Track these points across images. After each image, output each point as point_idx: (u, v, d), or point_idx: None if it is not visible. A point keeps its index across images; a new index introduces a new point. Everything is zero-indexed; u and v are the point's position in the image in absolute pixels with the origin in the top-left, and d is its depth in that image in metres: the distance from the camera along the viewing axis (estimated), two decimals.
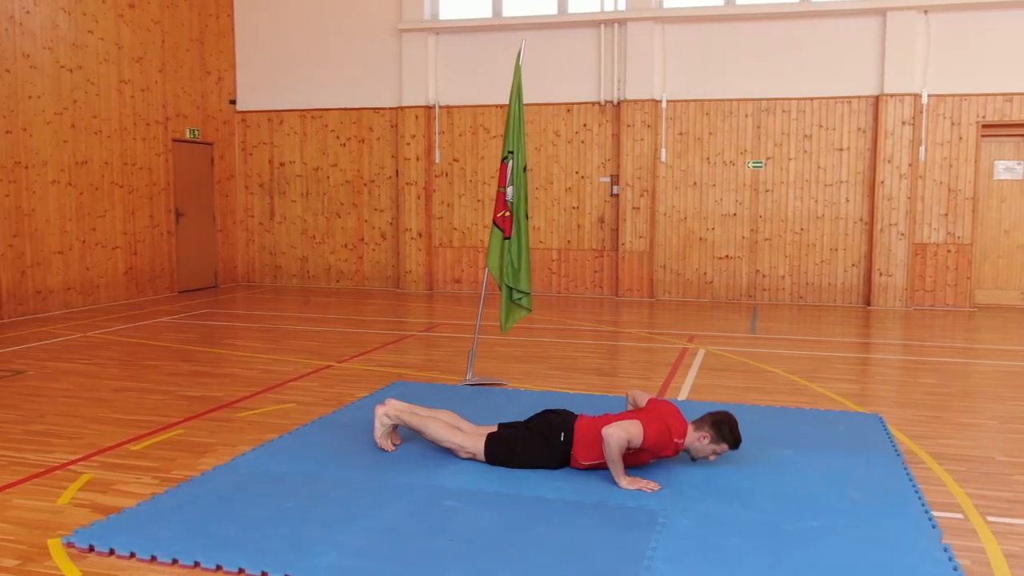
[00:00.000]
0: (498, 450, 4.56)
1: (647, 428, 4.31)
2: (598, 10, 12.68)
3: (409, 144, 13.32)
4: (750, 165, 12.24)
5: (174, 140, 12.82)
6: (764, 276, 12.34)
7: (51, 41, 10.64)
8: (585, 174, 12.83)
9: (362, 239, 13.88)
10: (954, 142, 11.56)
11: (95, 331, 9.32)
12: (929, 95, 11.53)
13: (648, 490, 4.21)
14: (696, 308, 11.71)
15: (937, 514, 3.98)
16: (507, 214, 6.61)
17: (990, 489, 4.39)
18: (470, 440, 4.64)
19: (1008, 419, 5.82)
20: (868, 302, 11.90)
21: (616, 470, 4.27)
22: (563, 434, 4.50)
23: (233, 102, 14.14)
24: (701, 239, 12.49)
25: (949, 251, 11.70)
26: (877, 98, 11.67)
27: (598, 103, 12.66)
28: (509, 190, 6.60)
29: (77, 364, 7.52)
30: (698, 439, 4.49)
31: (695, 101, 12.35)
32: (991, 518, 3.99)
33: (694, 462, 4.67)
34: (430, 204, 13.41)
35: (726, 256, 12.44)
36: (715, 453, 4.51)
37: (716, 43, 12.21)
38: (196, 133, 13.30)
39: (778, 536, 3.70)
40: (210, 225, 13.77)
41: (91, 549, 3.57)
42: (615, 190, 12.66)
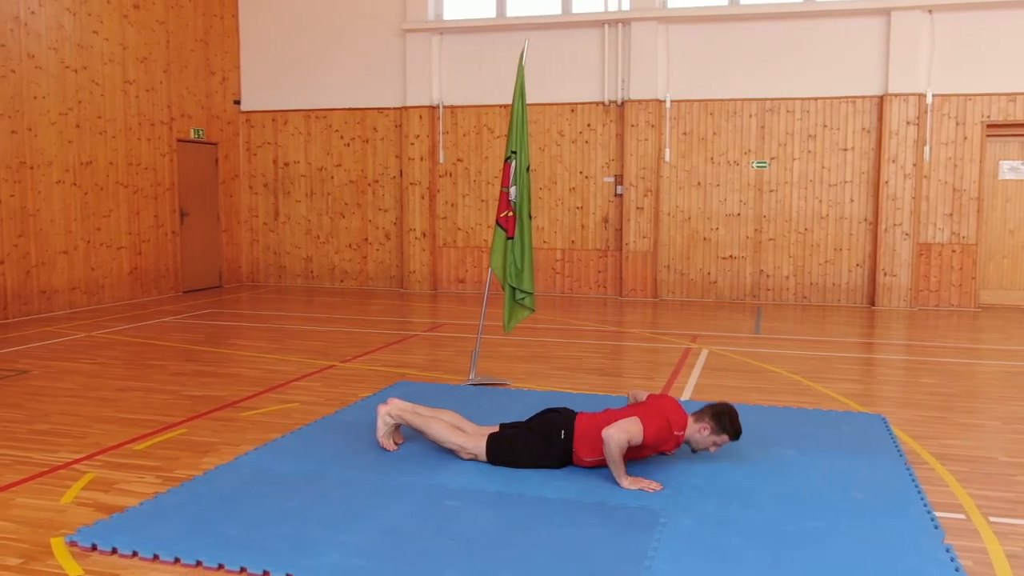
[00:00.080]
0: (499, 450, 4.56)
1: (646, 425, 4.32)
2: (602, 10, 12.67)
3: (413, 144, 13.33)
4: (754, 165, 12.23)
5: (179, 140, 12.85)
6: (768, 276, 12.32)
7: (56, 41, 10.67)
8: (589, 174, 12.83)
9: (366, 239, 13.89)
10: (959, 142, 11.53)
11: (99, 331, 9.35)
12: (934, 95, 11.50)
13: (650, 490, 4.21)
14: (700, 308, 11.70)
15: (939, 514, 3.98)
16: (510, 214, 6.61)
17: (992, 490, 4.38)
18: (472, 441, 4.64)
19: (1011, 420, 5.81)
20: (872, 302, 11.88)
21: (617, 471, 4.27)
22: (563, 432, 4.51)
23: (237, 102, 14.17)
24: (705, 239, 12.48)
25: (954, 251, 11.67)
26: (881, 98, 11.65)
27: (602, 103, 12.66)
28: (512, 190, 6.60)
29: (81, 364, 7.55)
30: (698, 431, 4.49)
31: (699, 101, 12.34)
32: (993, 519, 3.98)
33: (694, 455, 4.68)
34: (434, 204, 13.42)
35: (730, 256, 12.42)
36: (715, 444, 4.51)
37: (720, 43, 12.20)
38: (200, 133, 13.33)
39: (780, 536, 3.70)
40: (214, 225, 13.80)
41: (94, 548, 3.58)
42: (619, 190, 12.66)
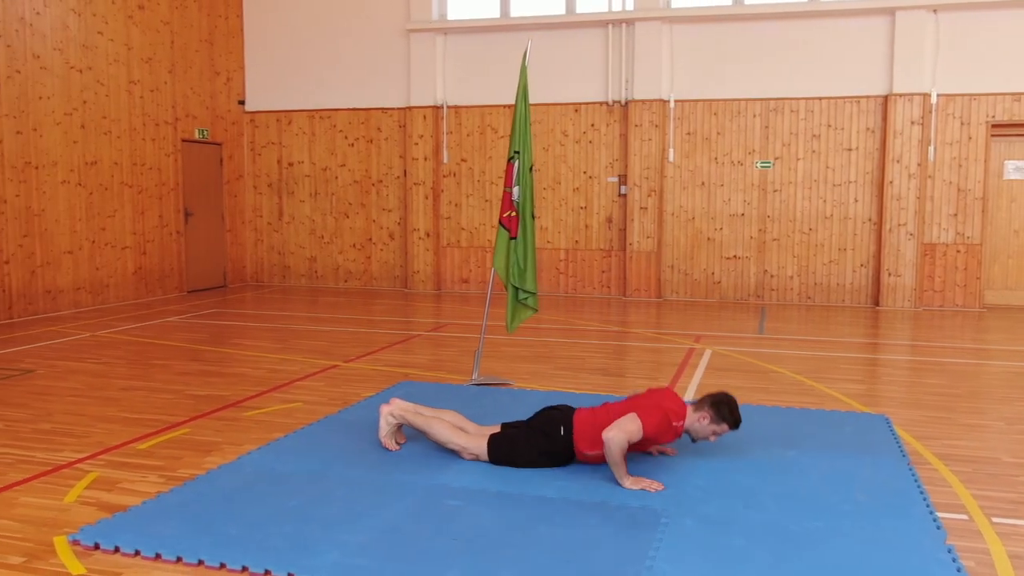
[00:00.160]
0: (501, 450, 4.57)
1: (644, 420, 4.32)
2: (606, 10, 12.67)
3: (417, 144, 13.35)
4: (758, 165, 12.21)
5: (183, 140, 12.88)
6: (772, 276, 12.31)
7: (61, 42, 10.70)
8: (593, 174, 12.83)
9: (370, 239, 13.91)
10: (963, 142, 11.51)
11: (104, 330, 9.38)
12: (938, 95, 11.48)
13: (652, 490, 4.21)
14: (704, 308, 11.69)
15: (942, 515, 3.97)
16: (513, 214, 6.62)
17: (995, 490, 4.37)
18: (473, 441, 4.64)
19: (1015, 420, 5.79)
20: (877, 302, 11.86)
21: (619, 472, 4.27)
22: (563, 428, 4.52)
23: (242, 102, 14.20)
24: (709, 239, 12.47)
25: (958, 251, 11.65)
26: (886, 98, 11.63)
27: (606, 103, 12.66)
28: (515, 190, 6.60)
29: (85, 363, 7.57)
30: (698, 420, 4.49)
31: (703, 101, 12.33)
32: (996, 519, 3.97)
33: (694, 445, 4.69)
34: (438, 204, 13.43)
35: (734, 256, 12.41)
36: (715, 434, 4.51)
37: (724, 43, 12.19)
38: (205, 133, 13.36)
39: (782, 536, 3.70)
40: (219, 225, 13.83)
41: (96, 547, 3.59)
42: (623, 190, 12.65)
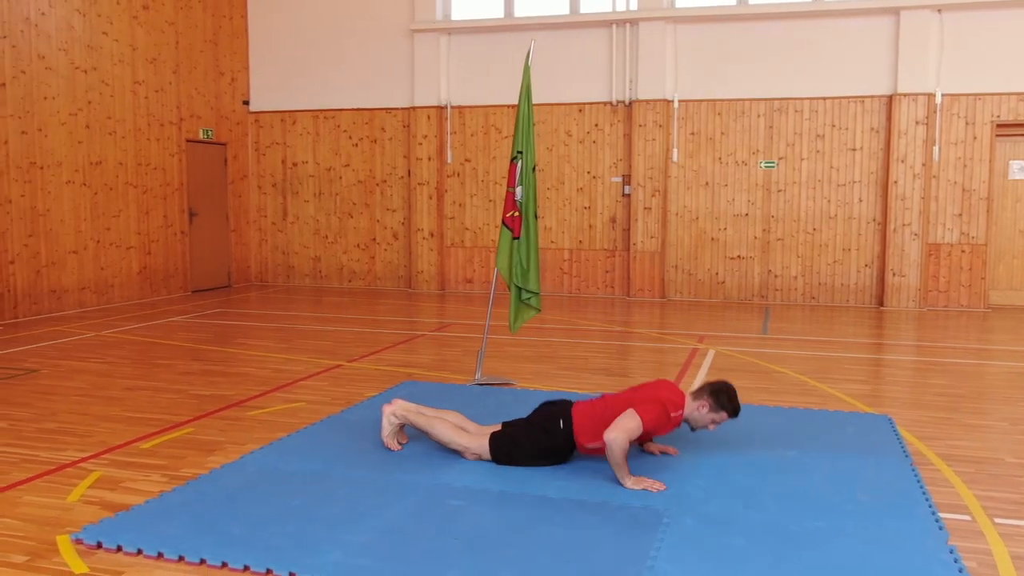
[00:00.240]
0: (502, 448, 4.57)
1: (643, 415, 4.32)
2: (610, 10, 12.67)
3: (421, 144, 13.36)
4: (762, 165, 12.20)
5: (188, 140, 12.90)
6: (776, 276, 12.29)
7: (66, 43, 10.73)
8: (597, 174, 12.83)
9: (374, 239, 13.92)
10: (968, 142, 11.48)
11: (108, 330, 9.40)
12: (943, 94, 11.45)
13: (653, 490, 4.21)
14: (708, 308, 11.68)
15: (944, 516, 3.96)
16: (516, 214, 6.63)
17: (998, 491, 4.36)
18: (475, 441, 4.65)
19: (1018, 421, 5.78)
20: (881, 303, 11.84)
21: (620, 472, 4.27)
22: (562, 421, 4.53)
23: (246, 103, 14.22)
24: (713, 239, 12.46)
25: (963, 251, 11.62)
26: (890, 97, 11.61)
27: (610, 103, 12.65)
28: (518, 190, 6.61)
29: (90, 363, 7.59)
30: (697, 408, 4.50)
31: (707, 101, 12.32)
32: (999, 520, 3.96)
33: (693, 433, 4.70)
34: (442, 204, 13.44)
35: (738, 256, 12.40)
36: (714, 422, 4.51)
37: (728, 43, 12.17)
38: (210, 133, 13.39)
39: (783, 537, 3.69)
40: (223, 225, 13.85)
41: (99, 546, 3.60)
42: (627, 190, 12.65)
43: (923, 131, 11.47)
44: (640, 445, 4.81)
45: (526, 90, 6.70)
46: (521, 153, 6.61)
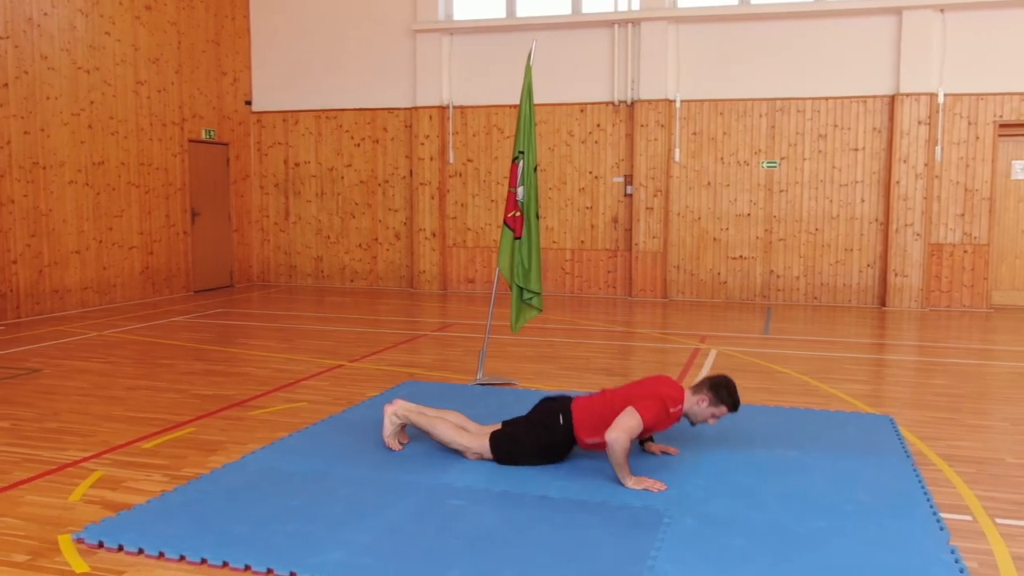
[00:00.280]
0: (503, 446, 4.58)
1: (643, 412, 4.32)
2: (612, 10, 12.67)
3: (423, 144, 13.36)
4: (764, 165, 12.19)
5: (190, 140, 12.92)
6: (778, 276, 12.28)
7: (68, 43, 10.75)
8: (598, 174, 12.83)
9: (376, 239, 13.93)
10: (971, 142, 11.47)
11: (110, 330, 9.42)
12: (945, 94, 11.44)
13: (654, 490, 4.21)
14: (709, 308, 11.68)
15: (945, 516, 3.96)
16: (518, 214, 6.63)
17: (999, 491, 4.36)
18: (476, 441, 4.65)
19: (1020, 421, 5.78)
20: (883, 303, 11.83)
21: (621, 472, 4.27)
22: (561, 416, 4.53)
23: (249, 103, 14.24)
24: (715, 239, 12.46)
25: (965, 252, 11.61)
26: (893, 97, 11.60)
27: (612, 103, 12.65)
28: (520, 190, 6.62)
29: (92, 363, 7.60)
30: (696, 403, 4.50)
31: (709, 101, 12.32)
32: (1000, 520, 3.96)
33: (693, 428, 4.70)
34: (444, 204, 13.45)
35: (740, 256, 12.39)
36: (714, 416, 4.51)
37: (730, 43, 12.17)
38: (212, 134, 13.40)
39: (784, 537, 3.69)
40: (225, 225, 13.87)
41: (100, 545, 3.61)
42: (628, 190, 12.64)
43: (925, 131, 11.46)
44: (640, 443, 4.82)
45: (528, 90, 6.71)
46: (523, 153, 6.61)
